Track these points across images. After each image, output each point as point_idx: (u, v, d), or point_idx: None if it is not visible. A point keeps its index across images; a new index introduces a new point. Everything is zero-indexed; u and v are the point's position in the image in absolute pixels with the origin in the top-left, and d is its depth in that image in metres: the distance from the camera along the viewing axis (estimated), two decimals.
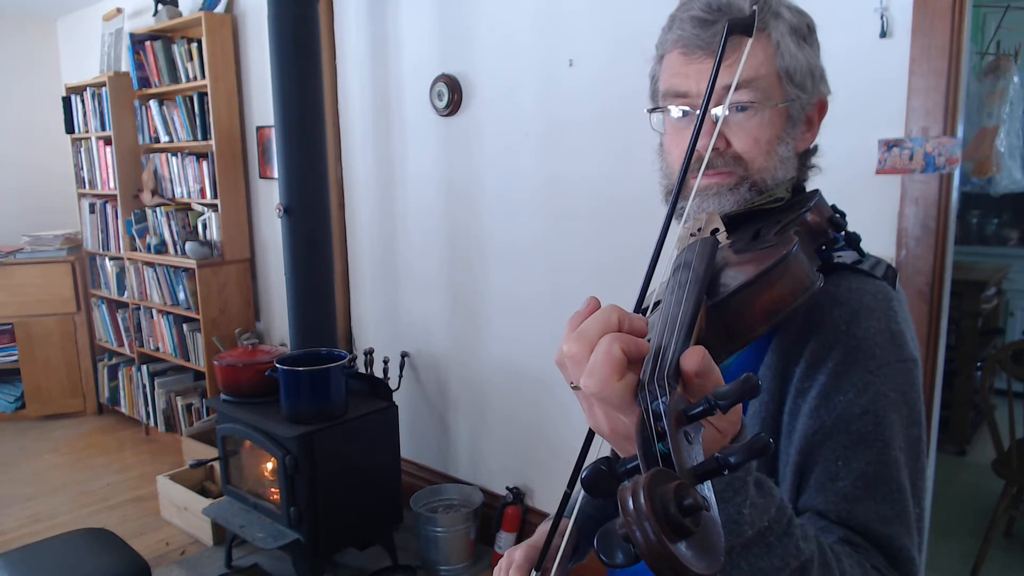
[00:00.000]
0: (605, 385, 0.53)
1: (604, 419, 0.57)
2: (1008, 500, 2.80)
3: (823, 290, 0.72)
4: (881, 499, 0.72)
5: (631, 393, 0.53)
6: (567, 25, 2.54)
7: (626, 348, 0.54)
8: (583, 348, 0.56)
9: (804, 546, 0.61)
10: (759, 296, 0.66)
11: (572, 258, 2.67)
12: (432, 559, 2.90)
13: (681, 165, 0.85)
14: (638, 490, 0.41)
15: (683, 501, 0.41)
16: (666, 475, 0.42)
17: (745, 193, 0.83)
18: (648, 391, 0.52)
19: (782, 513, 0.60)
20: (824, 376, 0.75)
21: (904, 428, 0.75)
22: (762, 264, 0.67)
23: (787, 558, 0.60)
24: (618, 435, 0.57)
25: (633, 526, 0.40)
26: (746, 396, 0.48)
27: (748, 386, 0.48)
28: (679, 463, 0.46)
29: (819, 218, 0.80)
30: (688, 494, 0.41)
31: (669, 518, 0.40)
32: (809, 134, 0.88)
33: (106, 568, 2.11)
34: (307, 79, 2.85)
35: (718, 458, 0.45)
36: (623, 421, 0.55)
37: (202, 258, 3.79)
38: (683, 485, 0.42)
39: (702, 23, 0.80)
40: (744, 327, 0.66)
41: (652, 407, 0.50)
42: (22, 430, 4.59)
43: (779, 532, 0.59)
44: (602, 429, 0.58)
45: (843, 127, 1.88)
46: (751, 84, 0.80)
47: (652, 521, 0.40)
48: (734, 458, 0.45)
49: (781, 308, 0.67)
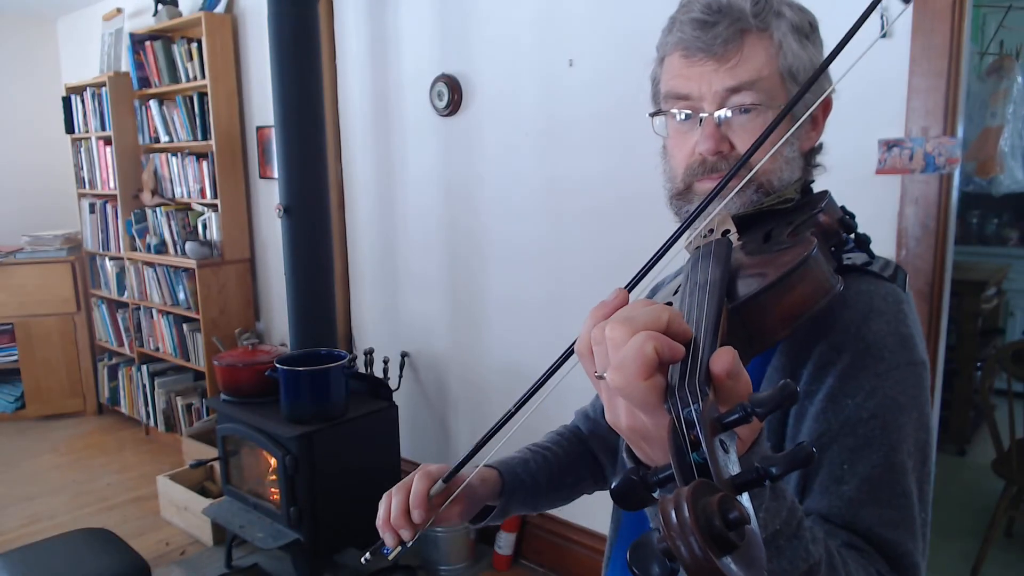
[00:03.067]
0: (630, 382, 0.51)
1: (624, 415, 0.56)
2: (1008, 500, 2.79)
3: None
4: (886, 503, 0.72)
5: (656, 395, 0.51)
6: (567, 25, 2.53)
7: (660, 349, 0.51)
8: (625, 333, 0.53)
9: (813, 549, 0.61)
10: (781, 299, 0.64)
11: (572, 258, 2.66)
12: (432, 559, 2.90)
13: (685, 170, 0.85)
14: (681, 503, 0.39)
15: (728, 514, 0.39)
16: (708, 487, 0.41)
17: (751, 195, 0.82)
18: (679, 396, 0.50)
19: (793, 516, 0.59)
20: (832, 378, 0.74)
21: (912, 432, 0.74)
22: (783, 266, 0.65)
23: (796, 561, 0.59)
24: (636, 433, 0.56)
25: (677, 540, 0.39)
26: (785, 403, 0.46)
27: (787, 392, 0.46)
28: (717, 473, 0.44)
29: (830, 219, 0.79)
30: (733, 507, 0.40)
31: (714, 532, 0.39)
32: (814, 132, 0.88)
33: (106, 568, 2.11)
34: (307, 79, 2.85)
35: (759, 468, 0.43)
36: (644, 421, 0.54)
37: (202, 258, 3.79)
38: (727, 497, 0.40)
39: (702, 25, 0.79)
40: (765, 331, 0.65)
41: (684, 414, 0.49)
42: (22, 430, 4.59)
43: (789, 535, 0.59)
44: (620, 424, 0.57)
45: (843, 127, 1.87)
46: (754, 85, 0.79)
47: (697, 535, 0.38)
48: (776, 468, 0.43)
49: (803, 311, 0.65)
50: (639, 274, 0.69)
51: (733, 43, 0.79)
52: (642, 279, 0.69)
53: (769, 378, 0.79)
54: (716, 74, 0.80)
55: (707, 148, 0.81)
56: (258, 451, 2.84)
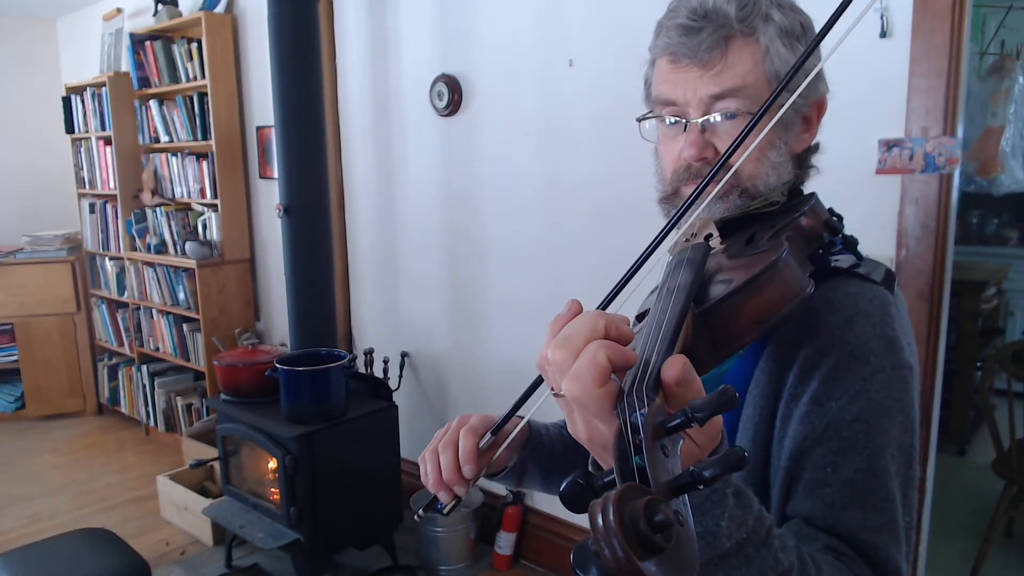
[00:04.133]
0: (586, 392, 0.52)
1: (583, 426, 0.57)
2: (1008, 500, 2.80)
3: (819, 295, 0.71)
4: (869, 507, 0.71)
5: (611, 402, 0.52)
6: (567, 25, 2.53)
7: (611, 356, 0.53)
8: (568, 355, 0.55)
9: (783, 557, 0.61)
10: (746, 303, 0.65)
11: (572, 258, 2.66)
12: (432, 559, 2.90)
13: (672, 174, 0.85)
14: (607, 506, 0.40)
15: (654, 517, 0.40)
16: (638, 490, 0.42)
17: (736, 200, 0.82)
18: (627, 403, 0.51)
19: (760, 524, 0.59)
20: (817, 382, 0.74)
21: (897, 436, 0.74)
22: (751, 271, 0.66)
23: (765, 569, 0.59)
24: (595, 443, 0.57)
25: (602, 543, 0.39)
26: (723, 408, 0.47)
27: (725, 398, 0.47)
28: (654, 477, 0.45)
29: (815, 222, 0.78)
30: (659, 510, 0.40)
31: (639, 534, 0.39)
32: (807, 134, 0.87)
33: (106, 568, 2.11)
34: (307, 79, 2.85)
35: (693, 472, 0.44)
36: (601, 430, 0.55)
37: (202, 258, 3.79)
38: (654, 500, 0.41)
39: (687, 31, 0.79)
40: (731, 335, 0.65)
41: (631, 419, 0.49)
42: (22, 430, 4.59)
43: (757, 543, 0.59)
44: (580, 436, 0.58)
45: (843, 127, 1.88)
46: (738, 92, 0.79)
47: (620, 538, 0.39)
48: (709, 472, 0.44)
49: (769, 316, 0.66)
50: (618, 285, 0.69)
51: (718, 49, 0.78)
52: (622, 289, 0.69)
53: (756, 381, 0.78)
54: (701, 80, 0.80)
55: (691, 155, 0.82)
56: (258, 451, 2.84)
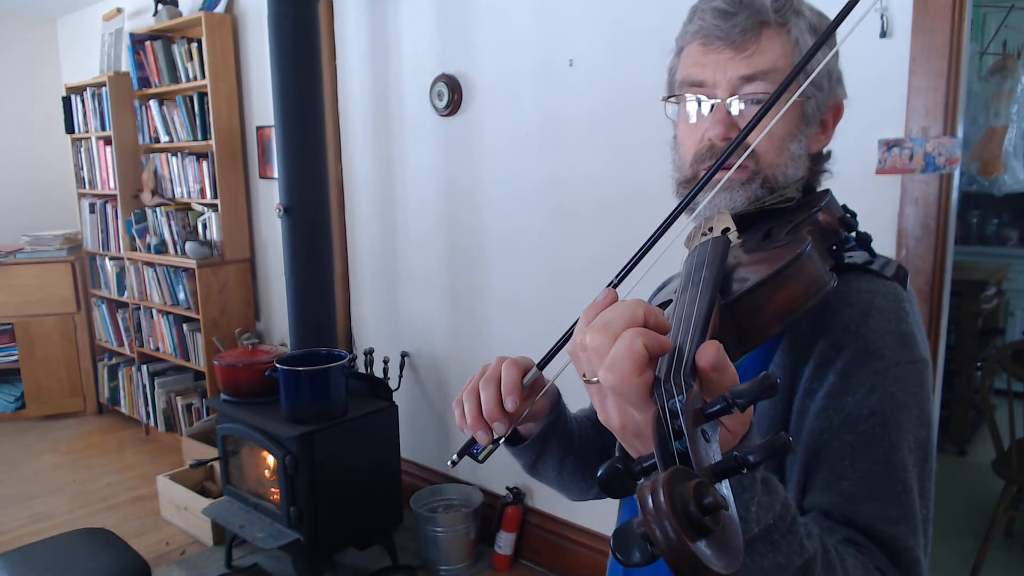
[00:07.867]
0: (625, 380, 0.53)
1: (617, 414, 0.57)
2: (1008, 500, 2.79)
3: (834, 290, 0.72)
4: (887, 500, 0.72)
5: (648, 390, 0.53)
6: (567, 25, 2.53)
7: (649, 344, 0.54)
8: (606, 340, 0.55)
9: (808, 544, 0.61)
10: (773, 296, 0.66)
11: (572, 257, 2.66)
12: (432, 559, 2.90)
13: (694, 156, 0.86)
14: (657, 488, 0.40)
15: (703, 500, 0.41)
16: (685, 473, 0.42)
17: (757, 189, 0.82)
18: (664, 389, 0.52)
19: (786, 510, 0.60)
20: (833, 376, 0.75)
21: (913, 429, 0.74)
22: (776, 263, 0.66)
23: (791, 555, 0.60)
24: (628, 431, 0.57)
25: (653, 524, 0.40)
26: (764, 395, 0.48)
27: (766, 384, 0.48)
28: (697, 461, 0.45)
29: (830, 218, 0.80)
30: (708, 492, 0.41)
31: (689, 516, 0.40)
32: (823, 136, 0.89)
33: (106, 568, 2.11)
34: (307, 79, 2.85)
35: (737, 456, 0.45)
36: (636, 418, 0.55)
37: (202, 258, 3.79)
38: (703, 483, 0.41)
39: (723, 14, 0.81)
40: (757, 327, 0.66)
41: (668, 405, 0.50)
42: (22, 430, 4.59)
43: (783, 529, 0.60)
44: (612, 424, 0.58)
45: (843, 127, 1.87)
46: (767, 76, 0.80)
47: (672, 519, 0.39)
48: (753, 456, 0.44)
49: (795, 308, 0.67)
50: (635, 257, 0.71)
51: (751, 33, 0.80)
52: (635, 265, 0.71)
53: None
54: (732, 62, 0.81)
55: (716, 133, 0.82)
56: (258, 451, 2.84)
